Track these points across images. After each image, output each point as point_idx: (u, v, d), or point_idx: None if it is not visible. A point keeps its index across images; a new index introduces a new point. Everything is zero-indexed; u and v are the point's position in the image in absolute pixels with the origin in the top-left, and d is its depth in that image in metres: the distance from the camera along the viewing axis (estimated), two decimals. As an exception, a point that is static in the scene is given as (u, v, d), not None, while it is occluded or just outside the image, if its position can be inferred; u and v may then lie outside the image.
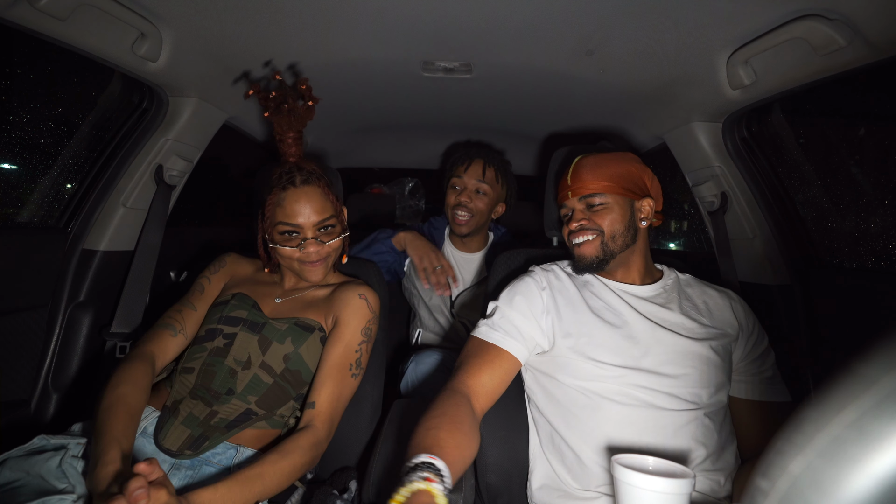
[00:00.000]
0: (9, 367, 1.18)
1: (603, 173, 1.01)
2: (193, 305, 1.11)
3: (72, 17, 0.94)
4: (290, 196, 1.03)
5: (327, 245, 1.07)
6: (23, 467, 0.81)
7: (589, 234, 1.01)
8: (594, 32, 1.10)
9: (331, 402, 0.99)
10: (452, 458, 0.71)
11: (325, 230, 1.07)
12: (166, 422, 0.95)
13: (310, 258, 1.05)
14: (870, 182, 1.60)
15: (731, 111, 1.27)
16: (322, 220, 1.05)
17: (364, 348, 1.08)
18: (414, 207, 3.00)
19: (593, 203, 1.02)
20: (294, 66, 1.33)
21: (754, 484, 0.28)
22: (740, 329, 0.99)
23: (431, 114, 1.82)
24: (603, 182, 1.01)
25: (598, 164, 1.03)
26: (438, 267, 1.47)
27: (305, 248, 1.04)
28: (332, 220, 1.07)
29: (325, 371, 1.02)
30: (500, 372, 0.93)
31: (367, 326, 1.09)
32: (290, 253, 1.05)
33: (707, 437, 0.88)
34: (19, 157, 1.44)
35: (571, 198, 1.04)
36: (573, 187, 1.03)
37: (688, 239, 2.92)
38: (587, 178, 1.02)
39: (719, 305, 1.01)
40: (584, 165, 1.04)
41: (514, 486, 1.04)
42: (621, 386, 0.90)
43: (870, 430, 0.23)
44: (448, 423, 0.77)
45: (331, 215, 1.07)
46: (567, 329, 0.96)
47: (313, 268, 1.07)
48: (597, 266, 1.02)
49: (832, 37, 0.89)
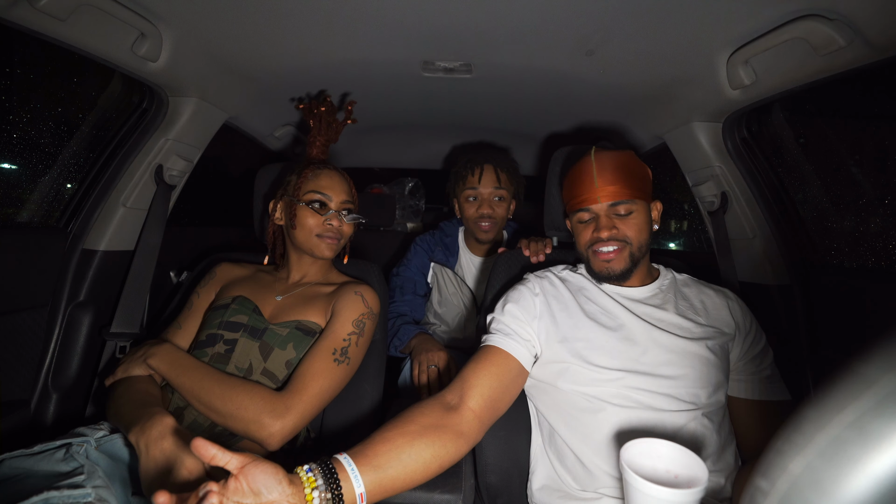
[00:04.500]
0: (9, 367, 1.18)
1: (630, 176, 0.96)
2: (179, 324, 1.13)
3: (72, 17, 0.94)
4: (326, 173, 1.16)
5: (345, 224, 1.16)
6: (25, 464, 0.81)
7: (617, 244, 0.97)
8: (594, 33, 1.10)
9: (304, 375, 0.96)
10: (382, 462, 0.68)
11: (347, 212, 1.16)
12: None
13: (329, 231, 1.13)
14: (870, 182, 1.60)
15: (731, 111, 1.27)
16: (348, 199, 1.16)
17: (353, 339, 1.06)
18: (414, 207, 3.01)
19: (620, 211, 0.97)
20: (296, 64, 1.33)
21: (754, 484, 0.28)
22: (737, 328, 0.98)
23: (431, 114, 1.82)
24: (632, 188, 0.96)
25: (623, 164, 0.97)
26: (433, 366, 1.34)
27: (330, 219, 1.13)
28: (354, 207, 1.19)
29: (308, 353, 1.01)
30: (498, 373, 0.89)
31: (360, 319, 1.09)
32: (313, 223, 1.12)
33: (707, 437, 0.88)
34: (19, 157, 1.43)
35: (601, 202, 0.97)
36: (602, 191, 0.96)
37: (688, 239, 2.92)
38: (617, 181, 0.96)
39: (716, 304, 1.01)
40: (608, 166, 0.97)
41: (514, 486, 1.04)
42: (620, 389, 0.89)
43: (870, 430, 0.23)
44: (394, 428, 0.74)
45: (354, 201, 1.19)
46: (563, 333, 0.96)
47: (328, 243, 1.13)
48: (621, 277, 0.99)
49: (832, 37, 0.89)
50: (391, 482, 0.69)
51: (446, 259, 1.73)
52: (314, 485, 0.62)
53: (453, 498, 0.85)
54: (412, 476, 0.72)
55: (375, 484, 0.67)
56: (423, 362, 1.32)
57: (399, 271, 1.72)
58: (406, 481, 0.71)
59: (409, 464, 0.71)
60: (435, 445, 0.75)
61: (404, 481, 0.71)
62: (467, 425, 0.81)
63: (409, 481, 0.71)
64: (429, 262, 1.73)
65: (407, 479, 0.71)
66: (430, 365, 1.31)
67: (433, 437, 0.75)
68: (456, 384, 0.87)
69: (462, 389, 0.86)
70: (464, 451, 0.80)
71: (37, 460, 0.81)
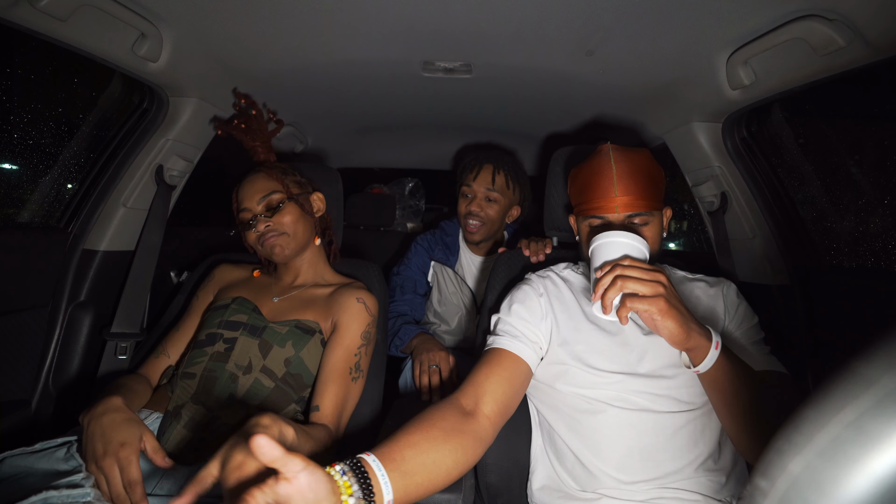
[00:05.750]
0: (9, 367, 1.18)
1: (650, 184, 0.93)
2: (178, 327, 1.15)
3: (72, 17, 0.94)
4: (245, 183, 1.13)
5: (275, 219, 1.10)
6: (26, 462, 0.81)
7: None
8: (594, 32, 1.10)
9: (335, 404, 1.00)
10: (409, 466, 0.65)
11: (271, 208, 1.10)
12: (168, 426, 0.95)
13: (265, 236, 1.09)
14: (870, 182, 1.60)
15: (730, 111, 1.27)
16: (263, 195, 1.10)
17: (363, 351, 1.09)
18: (414, 207, 3.01)
19: (636, 221, 0.94)
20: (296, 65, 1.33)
21: (754, 484, 0.28)
22: (725, 313, 0.98)
23: (431, 114, 1.82)
24: (650, 198, 0.93)
25: (642, 170, 0.94)
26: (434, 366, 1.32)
27: (256, 226, 1.09)
28: (276, 196, 1.11)
29: (326, 375, 1.02)
30: (509, 377, 0.88)
31: (367, 330, 1.10)
32: (251, 238, 1.12)
33: (706, 435, 0.88)
34: (20, 158, 1.44)
35: (618, 212, 0.93)
36: (620, 200, 0.92)
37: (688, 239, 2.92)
38: (636, 190, 0.92)
39: (710, 296, 1.00)
40: (627, 171, 0.93)
41: (514, 486, 1.04)
42: (619, 392, 0.90)
43: (869, 430, 0.23)
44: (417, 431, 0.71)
45: (273, 191, 1.11)
46: (564, 336, 0.96)
47: (272, 242, 1.09)
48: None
49: (832, 37, 0.89)
50: (415, 489, 0.65)
51: (446, 258, 1.73)
52: (350, 491, 0.56)
53: (453, 497, 0.85)
54: (434, 484, 0.68)
55: (402, 492, 0.62)
56: (424, 362, 1.32)
57: (399, 270, 1.73)
58: (428, 489, 0.67)
59: (433, 470, 0.68)
60: (457, 452, 0.72)
61: (426, 489, 0.67)
62: (484, 431, 0.80)
63: (430, 489, 0.68)
64: (429, 260, 1.73)
65: (430, 487, 0.67)
66: (431, 365, 1.31)
67: (456, 443, 0.73)
68: (469, 388, 0.85)
69: (476, 395, 0.84)
70: (480, 457, 0.79)
71: (37, 458, 0.81)
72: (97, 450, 0.79)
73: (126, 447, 0.79)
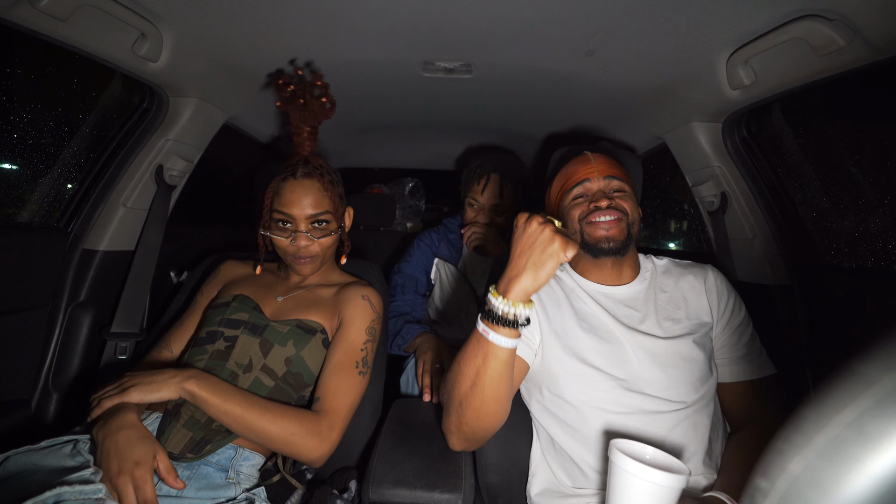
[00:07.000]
0: (9, 367, 1.18)
1: (623, 168, 1.03)
2: (182, 322, 1.14)
3: (72, 17, 0.94)
4: (287, 186, 1.05)
5: (318, 242, 1.07)
6: (31, 459, 0.81)
7: (616, 214, 0.96)
8: (594, 33, 1.10)
9: (336, 394, 0.99)
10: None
11: (318, 225, 1.07)
12: (168, 425, 0.95)
13: (300, 253, 1.06)
14: (870, 182, 1.60)
15: (730, 111, 1.27)
16: (315, 213, 1.05)
17: (370, 347, 1.08)
18: (414, 207, 3.01)
19: (614, 186, 1.00)
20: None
21: (754, 484, 0.28)
22: (716, 309, 0.99)
23: (431, 114, 1.82)
24: (625, 176, 1.02)
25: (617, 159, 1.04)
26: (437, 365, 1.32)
27: (296, 240, 1.05)
28: (327, 217, 1.07)
29: (330, 368, 1.02)
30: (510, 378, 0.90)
31: (372, 326, 1.10)
32: (283, 244, 1.07)
33: (700, 432, 0.89)
34: (20, 158, 1.44)
35: (598, 176, 1.00)
36: (598, 167, 1.00)
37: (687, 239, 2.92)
38: (611, 162, 1.02)
39: (695, 288, 1.01)
40: (602, 154, 1.04)
41: (514, 486, 1.04)
42: (610, 394, 0.90)
43: (869, 430, 0.23)
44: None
45: (325, 211, 1.07)
46: (556, 330, 0.97)
47: (302, 264, 1.09)
48: (620, 250, 0.98)
49: (832, 37, 0.89)
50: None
51: (450, 255, 1.73)
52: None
53: (453, 497, 0.85)
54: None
55: None
56: (427, 361, 1.32)
57: (401, 268, 1.72)
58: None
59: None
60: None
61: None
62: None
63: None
64: (433, 258, 1.73)
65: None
66: (434, 364, 1.31)
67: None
68: None
69: None
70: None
71: (42, 455, 0.81)
72: (112, 467, 0.78)
73: (141, 466, 0.78)
